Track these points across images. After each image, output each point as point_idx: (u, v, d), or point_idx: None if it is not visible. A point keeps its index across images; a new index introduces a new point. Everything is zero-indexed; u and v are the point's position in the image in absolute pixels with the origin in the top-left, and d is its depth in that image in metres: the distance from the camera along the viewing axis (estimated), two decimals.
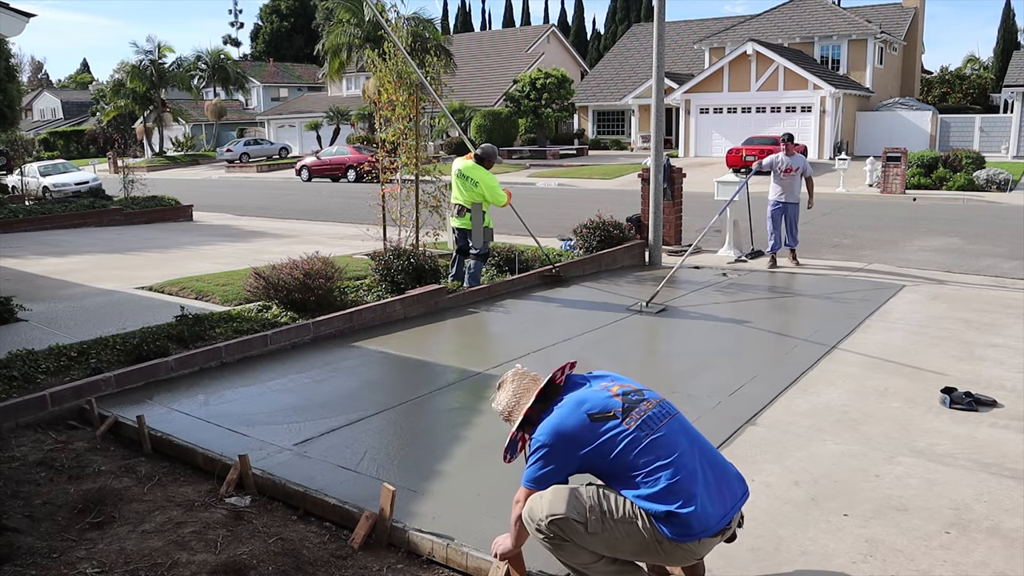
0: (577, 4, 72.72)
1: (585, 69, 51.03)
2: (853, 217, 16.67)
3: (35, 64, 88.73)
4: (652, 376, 6.28)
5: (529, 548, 3.22)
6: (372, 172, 9.79)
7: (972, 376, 5.66)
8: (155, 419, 4.92)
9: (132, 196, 18.30)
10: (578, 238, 10.88)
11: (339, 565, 3.40)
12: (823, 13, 37.82)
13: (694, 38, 41.60)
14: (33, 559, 3.39)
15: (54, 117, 67.10)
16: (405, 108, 9.22)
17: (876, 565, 3.27)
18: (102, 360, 5.81)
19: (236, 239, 14.59)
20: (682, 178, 12.45)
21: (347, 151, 33.60)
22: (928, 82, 44.02)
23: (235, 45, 73.43)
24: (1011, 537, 3.48)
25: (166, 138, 51.39)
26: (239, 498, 4.02)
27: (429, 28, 37.02)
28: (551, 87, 36.83)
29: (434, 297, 7.98)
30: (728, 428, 4.77)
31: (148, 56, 46.97)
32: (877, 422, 4.82)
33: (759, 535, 3.52)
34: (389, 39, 9.05)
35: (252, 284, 7.68)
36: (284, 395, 5.53)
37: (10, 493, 4.00)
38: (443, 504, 3.84)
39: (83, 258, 12.03)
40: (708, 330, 7.39)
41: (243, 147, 45.63)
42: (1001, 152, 30.88)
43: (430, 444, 4.71)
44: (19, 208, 17.50)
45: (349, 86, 48.81)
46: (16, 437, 4.72)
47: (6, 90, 15.72)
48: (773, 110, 33.20)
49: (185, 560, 3.38)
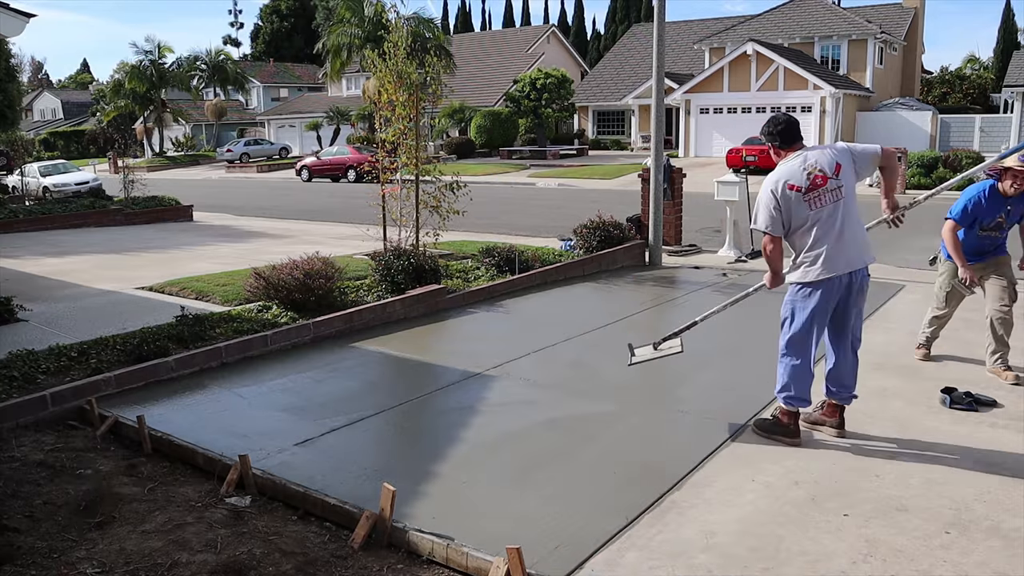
0: (577, 4, 72.84)
1: (585, 69, 51.03)
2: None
3: (35, 64, 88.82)
4: (652, 375, 6.28)
5: (529, 548, 3.23)
6: (372, 172, 9.78)
7: (972, 376, 5.66)
8: (155, 419, 4.92)
9: (132, 196, 18.29)
10: (578, 238, 10.87)
11: (339, 565, 3.40)
12: (823, 13, 37.82)
13: (694, 38, 41.59)
14: (33, 559, 3.39)
15: (54, 117, 67.10)
16: (405, 108, 9.21)
17: (876, 565, 3.27)
18: (102, 360, 5.81)
19: (236, 239, 14.59)
20: (682, 178, 12.45)
21: (347, 151, 33.59)
22: (928, 82, 44.00)
23: (235, 45, 73.47)
24: (1011, 537, 3.48)
25: (166, 138, 51.40)
26: (239, 498, 4.02)
27: (429, 28, 37.01)
28: (551, 87, 36.84)
29: (434, 297, 7.98)
30: (728, 428, 4.77)
31: (148, 56, 47.00)
32: (877, 422, 4.82)
33: (759, 535, 3.52)
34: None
35: (252, 284, 7.68)
36: (284, 395, 5.53)
37: (10, 493, 4.00)
38: (443, 504, 3.84)
39: (83, 258, 12.03)
40: (708, 330, 7.38)
41: (243, 147, 45.63)
42: (1001, 152, 30.85)
43: (430, 444, 4.71)
44: (19, 208, 17.48)
45: (349, 86, 48.81)
46: (16, 437, 4.72)
47: (6, 90, 15.69)
48: (773, 110, 33.10)
49: (185, 560, 3.39)
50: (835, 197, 4.31)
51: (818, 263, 4.32)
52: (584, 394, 5.53)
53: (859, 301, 4.47)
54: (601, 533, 3.54)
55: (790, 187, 4.33)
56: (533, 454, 4.47)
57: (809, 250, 4.35)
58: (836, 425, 4.63)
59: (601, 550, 3.41)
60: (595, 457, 4.41)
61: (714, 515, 3.71)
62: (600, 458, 4.40)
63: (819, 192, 4.30)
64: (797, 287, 4.46)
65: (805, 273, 4.38)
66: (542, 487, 4.02)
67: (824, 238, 4.31)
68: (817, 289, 4.35)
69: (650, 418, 5.09)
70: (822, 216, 4.30)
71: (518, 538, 3.32)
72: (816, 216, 4.31)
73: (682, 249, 12.02)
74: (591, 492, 3.96)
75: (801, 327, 4.43)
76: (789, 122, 4.48)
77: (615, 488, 4.01)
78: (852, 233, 4.36)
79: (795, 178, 4.33)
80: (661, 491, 3.94)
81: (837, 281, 4.34)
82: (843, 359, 4.55)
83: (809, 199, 4.30)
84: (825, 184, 4.30)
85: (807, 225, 4.33)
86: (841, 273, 4.32)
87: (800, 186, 4.31)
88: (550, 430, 4.84)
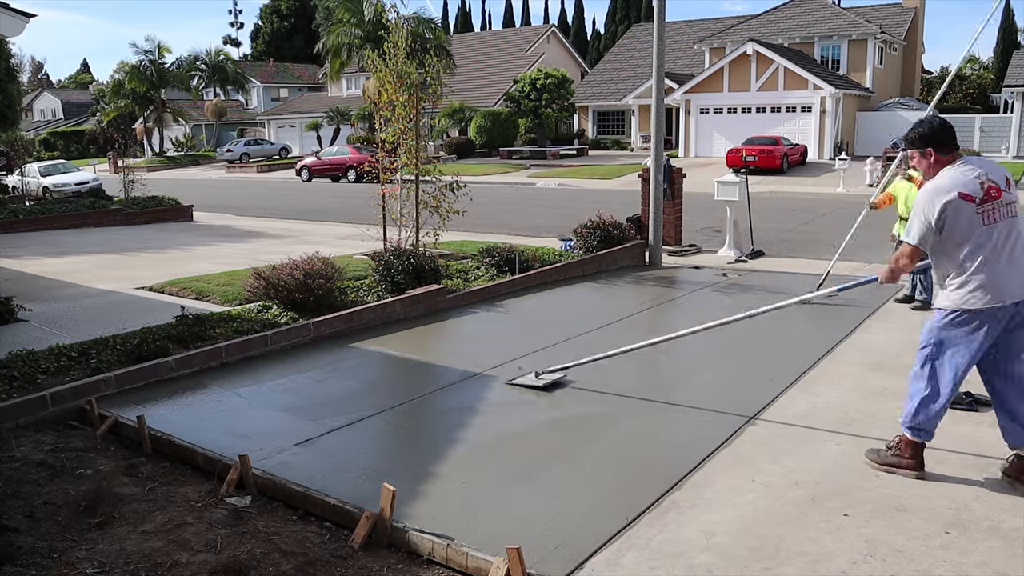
0: (577, 4, 72.84)
1: (585, 69, 51.02)
2: (853, 217, 16.62)
3: (35, 64, 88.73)
4: (652, 375, 6.29)
5: (529, 548, 3.23)
6: (372, 172, 9.78)
7: (972, 376, 5.64)
8: (155, 419, 4.92)
9: (132, 196, 18.28)
10: (578, 238, 10.88)
11: (339, 565, 3.40)
12: (823, 13, 37.82)
13: (694, 38, 41.59)
14: (33, 559, 3.39)
15: (54, 117, 67.08)
16: (405, 108, 9.22)
17: (876, 565, 3.27)
18: (102, 360, 5.81)
19: (236, 239, 14.59)
20: (682, 178, 12.45)
21: (347, 151, 33.58)
22: (928, 82, 44.02)
23: (235, 45, 73.45)
24: (1011, 537, 3.48)
25: (166, 138, 51.39)
26: (239, 498, 4.02)
27: (429, 28, 37.02)
28: (551, 87, 36.83)
29: (434, 297, 7.98)
30: (728, 428, 4.77)
31: (148, 56, 46.99)
32: (877, 422, 4.82)
33: (759, 535, 3.52)
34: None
35: (252, 284, 7.68)
36: (284, 395, 5.53)
37: (10, 493, 4.00)
38: (443, 504, 3.84)
39: (83, 258, 12.03)
40: (708, 330, 7.38)
41: (243, 147, 45.62)
42: (1001, 152, 30.87)
43: (430, 444, 4.71)
44: (19, 208, 17.48)
45: (349, 86, 48.80)
46: (16, 437, 4.72)
47: (6, 90, 15.68)
48: (773, 110, 33.20)
49: (185, 560, 3.39)
50: (1009, 213, 3.80)
51: (983, 289, 3.75)
52: (584, 394, 5.53)
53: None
54: (601, 533, 3.54)
55: (963, 196, 3.74)
56: (533, 454, 4.47)
57: (973, 273, 3.76)
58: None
59: (601, 550, 3.41)
60: (595, 457, 4.41)
61: (714, 515, 3.71)
62: (600, 458, 4.40)
63: (994, 206, 3.76)
64: (949, 314, 3.86)
65: (965, 299, 3.79)
66: (542, 487, 4.02)
67: (994, 260, 3.75)
68: (977, 318, 3.80)
69: (650, 418, 5.09)
70: (992, 235, 3.76)
71: (518, 538, 3.32)
72: (986, 234, 3.76)
73: (682, 249, 12.02)
74: (591, 492, 3.96)
75: (949, 360, 3.90)
76: (945, 124, 3.93)
77: (615, 488, 4.01)
78: (1022, 255, 3.82)
79: (969, 187, 3.76)
80: (661, 491, 3.94)
81: (1003, 312, 3.77)
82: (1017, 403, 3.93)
83: (983, 211, 3.75)
84: (1000, 198, 3.78)
85: (972, 242, 3.76)
86: (1008, 303, 3.75)
87: (975, 196, 3.75)
88: (550, 430, 4.84)
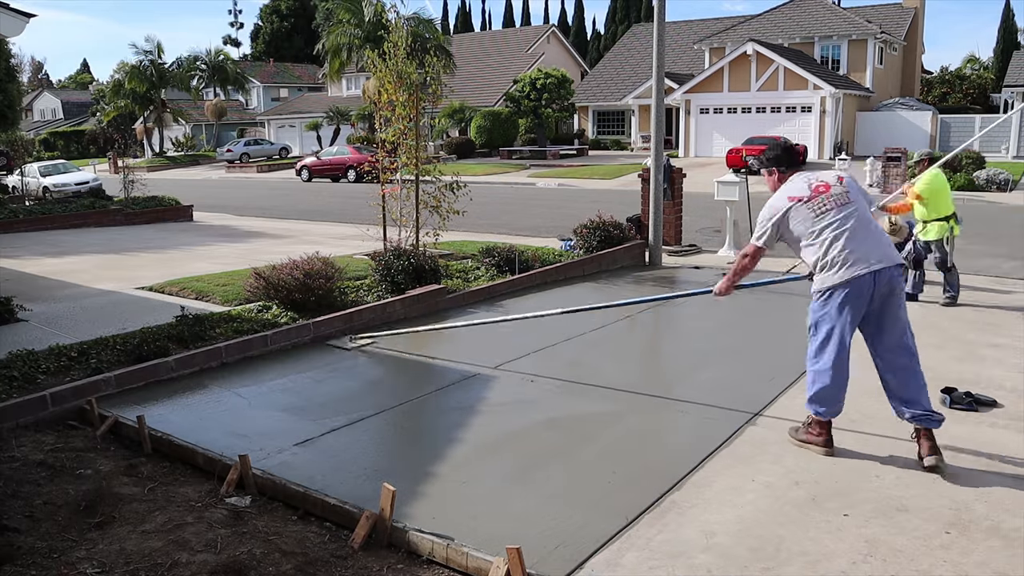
0: (577, 4, 72.84)
1: (585, 69, 51.03)
2: None
3: (35, 64, 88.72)
4: (653, 375, 6.29)
5: (529, 548, 3.23)
6: (372, 172, 9.78)
7: (972, 376, 5.66)
8: (155, 419, 4.92)
9: (132, 196, 18.28)
10: (578, 238, 10.88)
11: (339, 565, 3.40)
12: (823, 13, 37.82)
13: (694, 38, 41.59)
14: (33, 559, 3.39)
15: (54, 117, 67.07)
16: (405, 108, 9.22)
17: (876, 565, 3.27)
18: (102, 360, 5.81)
19: (236, 239, 14.59)
20: (682, 178, 12.45)
21: (347, 151, 33.57)
22: (928, 82, 44.00)
23: (235, 45, 73.44)
24: (1011, 537, 3.48)
25: (166, 138, 51.38)
26: (239, 498, 4.02)
27: (429, 28, 37.02)
28: (551, 87, 36.83)
29: (434, 297, 7.98)
30: (728, 428, 4.77)
31: (148, 56, 46.98)
32: (877, 422, 4.81)
33: (759, 535, 3.52)
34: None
35: (252, 284, 7.68)
36: (284, 395, 5.53)
37: (10, 493, 4.00)
38: (443, 504, 3.84)
39: (83, 258, 12.03)
40: (708, 330, 7.40)
41: (243, 147, 45.61)
42: (1001, 152, 30.88)
43: (430, 444, 4.71)
44: (19, 208, 17.48)
45: (349, 86, 48.79)
46: (16, 437, 4.72)
47: (6, 90, 15.67)
48: (773, 110, 33.21)
49: (185, 560, 3.39)
50: (840, 201, 4.21)
51: (837, 265, 4.13)
52: (584, 394, 5.53)
53: (892, 304, 4.17)
54: (601, 533, 3.54)
55: (791, 198, 4.28)
56: (533, 454, 4.47)
57: (825, 255, 4.17)
58: (928, 452, 4.13)
59: (601, 550, 3.41)
60: (595, 457, 4.41)
61: (714, 515, 3.71)
62: (600, 458, 4.40)
63: (822, 199, 4.22)
64: (818, 295, 4.25)
65: (824, 279, 4.20)
66: (542, 487, 4.02)
67: (838, 240, 4.14)
68: (839, 292, 4.14)
69: (650, 418, 5.09)
70: (831, 221, 4.17)
71: (518, 538, 3.32)
72: (823, 221, 4.18)
73: (682, 249, 12.02)
74: (591, 492, 3.96)
75: (826, 335, 4.22)
76: (788, 147, 4.47)
77: (615, 488, 4.01)
78: (868, 233, 4.18)
79: (797, 191, 4.31)
80: (661, 491, 3.94)
81: (861, 282, 4.10)
82: (896, 373, 4.19)
83: (813, 205, 4.22)
84: (828, 191, 4.23)
85: (816, 232, 4.20)
86: (862, 273, 4.09)
87: (802, 196, 4.26)
88: (550, 430, 4.84)
